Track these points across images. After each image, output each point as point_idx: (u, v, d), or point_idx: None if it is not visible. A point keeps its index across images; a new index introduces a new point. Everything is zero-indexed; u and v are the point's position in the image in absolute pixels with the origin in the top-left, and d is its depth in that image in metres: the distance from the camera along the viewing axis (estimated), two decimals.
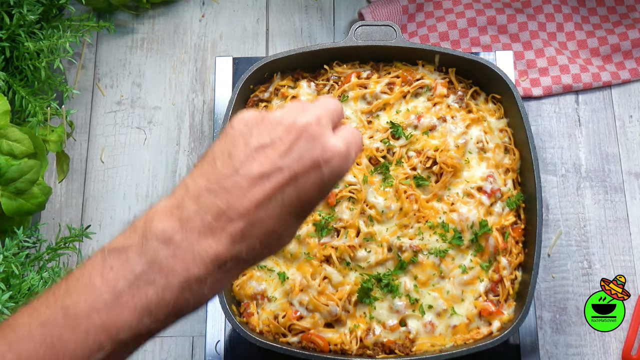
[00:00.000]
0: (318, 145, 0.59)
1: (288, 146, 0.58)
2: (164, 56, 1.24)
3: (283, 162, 0.57)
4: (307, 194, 0.58)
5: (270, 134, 0.59)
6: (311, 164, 0.58)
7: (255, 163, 0.57)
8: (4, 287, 0.83)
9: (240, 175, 0.57)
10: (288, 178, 0.57)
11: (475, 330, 0.95)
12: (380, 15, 1.21)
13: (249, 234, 0.56)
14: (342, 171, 0.60)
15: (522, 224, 1.00)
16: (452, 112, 1.04)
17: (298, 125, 0.59)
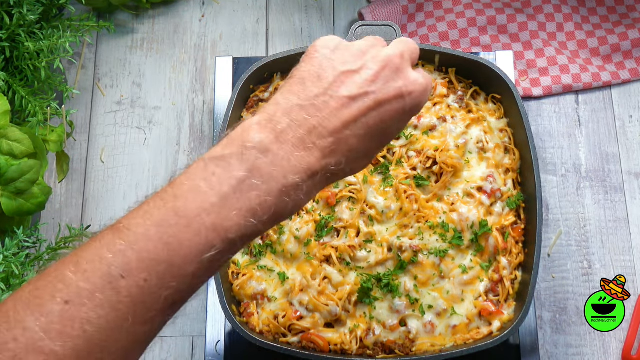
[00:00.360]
0: (401, 77, 0.65)
1: (374, 74, 0.63)
2: (164, 56, 1.24)
3: (370, 87, 0.63)
4: (389, 120, 0.64)
5: (357, 61, 0.64)
6: (395, 92, 0.64)
7: (344, 86, 0.62)
8: (4, 287, 0.83)
9: (329, 95, 0.62)
10: (373, 103, 0.63)
11: (475, 330, 0.95)
12: (380, 15, 1.21)
13: (336, 149, 0.61)
14: (421, 102, 0.66)
15: (522, 224, 1.00)
16: (452, 112, 1.04)
17: (383, 56, 0.65)
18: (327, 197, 0.99)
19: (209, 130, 1.19)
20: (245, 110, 1.06)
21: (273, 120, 0.61)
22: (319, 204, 0.99)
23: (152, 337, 0.57)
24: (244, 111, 1.06)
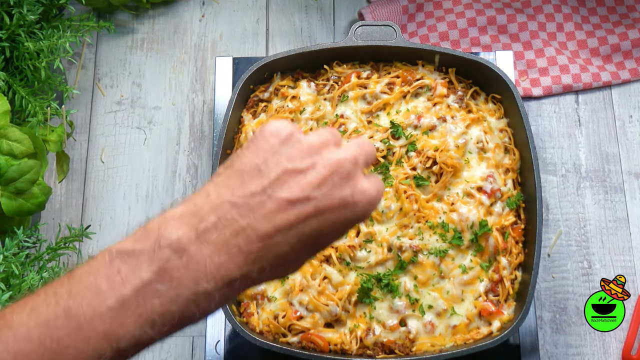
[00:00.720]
0: (350, 184, 0.58)
1: (321, 178, 0.57)
2: (164, 56, 1.24)
3: (313, 192, 0.57)
4: (328, 229, 0.58)
5: (304, 159, 0.58)
6: (339, 201, 0.58)
7: (285, 186, 0.56)
8: (4, 287, 0.83)
9: (267, 195, 0.56)
10: (313, 210, 0.57)
11: (475, 330, 0.95)
12: (380, 15, 1.21)
13: (262, 256, 0.55)
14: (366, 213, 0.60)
15: (522, 224, 1.00)
16: (452, 112, 1.04)
17: (334, 159, 0.58)
18: None
19: (209, 130, 1.19)
20: (245, 110, 1.07)
21: (198, 215, 0.55)
22: None
23: None
24: (244, 111, 1.06)
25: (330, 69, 1.08)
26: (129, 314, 0.52)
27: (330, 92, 1.06)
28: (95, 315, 0.51)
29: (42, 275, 0.88)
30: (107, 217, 1.14)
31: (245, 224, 0.55)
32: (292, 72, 1.08)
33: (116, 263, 0.53)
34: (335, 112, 1.05)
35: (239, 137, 1.05)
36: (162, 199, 1.15)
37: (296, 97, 1.05)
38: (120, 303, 0.52)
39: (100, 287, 0.52)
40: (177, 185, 1.16)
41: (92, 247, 1.12)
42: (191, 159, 1.18)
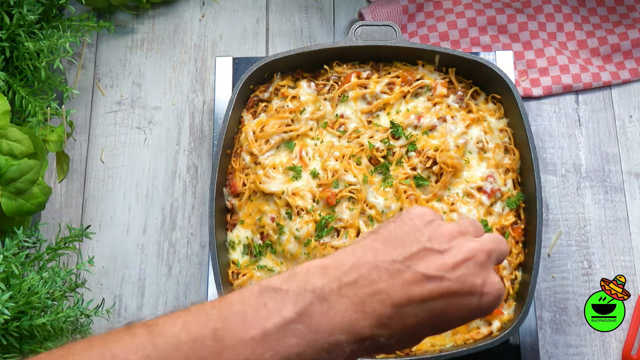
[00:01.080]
0: (482, 275, 0.62)
1: (457, 262, 0.61)
2: (164, 56, 1.24)
3: (447, 274, 0.60)
4: (453, 313, 0.60)
5: (443, 242, 0.62)
6: (470, 288, 0.61)
7: (423, 262, 0.60)
8: (4, 287, 0.83)
9: (406, 265, 0.59)
10: (445, 291, 0.60)
11: (475, 330, 0.95)
12: (380, 15, 1.21)
13: (392, 323, 0.58)
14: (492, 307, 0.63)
15: (522, 224, 1.00)
16: (452, 112, 1.04)
17: (471, 247, 0.62)
18: (327, 197, 0.99)
19: (209, 130, 1.19)
20: (245, 110, 1.07)
21: (341, 269, 0.59)
22: (319, 204, 0.99)
23: None
24: (244, 111, 1.06)
25: (330, 69, 1.08)
26: (267, 348, 0.55)
27: (330, 92, 1.06)
28: (239, 342, 0.55)
29: (42, 275, 0.88)
30: (107, 217, 1.14)
31: (382, 287, 0.58)
32: (292, 72, 1.08)
33: (264, 297, 0.57)
34: (335, 112, 1.05)
35: (239, 137, 1.05)
36: (162, 199, 1.15)
37: (296, 97, 1.05)
38: (262, 335, 0.55)
39: (247, 316, 0.56)
40: (177, 185, 1.16)
41: (92, 247, 1.12)
42: (191, 159, 1.18)
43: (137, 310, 1.09)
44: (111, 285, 1.11)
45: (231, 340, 0.55)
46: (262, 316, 0.56)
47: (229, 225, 1.02)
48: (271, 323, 0.55)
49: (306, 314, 0.56)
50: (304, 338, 0.55)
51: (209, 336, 0.55)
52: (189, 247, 1.13)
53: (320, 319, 0.56)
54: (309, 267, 0.59)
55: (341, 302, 0.57)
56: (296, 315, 0.56)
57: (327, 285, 0.57)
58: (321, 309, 0.56)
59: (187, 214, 1.15)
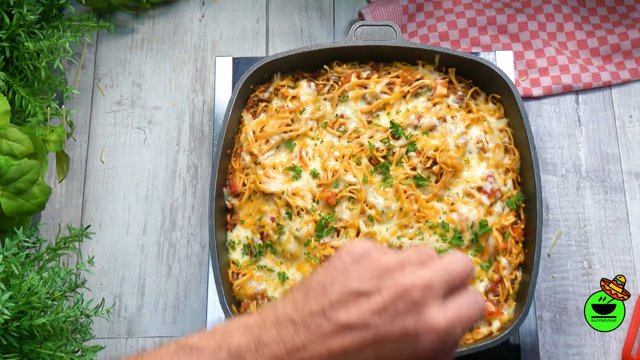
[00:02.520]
0: (414, 314, 0.55)
1: (383, 304, 0.55)
2: (164, 56, 1.24)
3: (372, 319, 0.54)
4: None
5: (372, 281, 0.56)
6: (400, 332, 0.55)
7: (344, 310, 0.55)
8: (4, 287, 0.82)
9: (326, 317, 0.55)
10: (371, 339, 0.55)
11: (475, 330, 0.95)
12: (380, 15, 1.21)
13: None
14: (436, 349, 0.56)
15: (522, 224, 1.00)
16: (452, 112, 1.04)
17: (402, 284, 0.55)
18: (327, 197, 0.99)
19: (209, 130, 1.19)
20: (245, 110, 1.07)
21: (261, 327, 0.56)
22: (319, 204, 0.99)
23: None
24: (244, 111, 1.06)
25: (330, 69, 1.08)
26: None
27: (330, 92, 1.06)
28: None
29: (42, 275, 0.88)
30: (107, 217, 1.14)
31: (300, 344, 0.55)
32: (292, 72, 1.08)
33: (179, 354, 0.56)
34: (335, 112, 1.05)
35: (239, 137, 1.05)
36: (162, 199, 1.15)
37: (296, 97, 1.05)
38: None
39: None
40: (177, 185, 1.16)
41: (92, 247, 1.12)
42: (191, 159, 1.18)
43: (137, 310, 1.09)
44: (111, 285, 1.11)
45: None
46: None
47: (229, 225, 1.02)
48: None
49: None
50: None
51: None
52: (189, 247, 1.13)
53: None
54: (230, 325, 0.57)
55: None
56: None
57: (245, 344, 0.55)
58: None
59: (187, 214, 1.15)
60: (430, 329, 0.55)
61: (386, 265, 0.57)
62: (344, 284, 0.56)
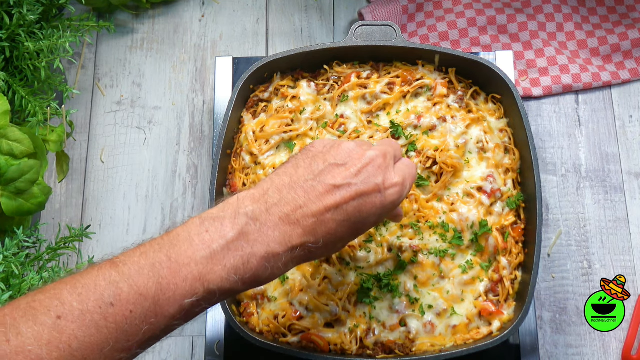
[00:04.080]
0: (381, 174, 0.73)
1: (358, 169, 0.73)
2: (164, 56, 1.24)
3: (352, 180, 0.72)
4: (366, 211, 0.72)
5: (345, 157, 0.74)
6: (373, 187, 0.72)
7: (331, 175, 0.72)
8: (4, 287, 0.83)
9: (318, 181, 0.71)
10: (354, 193, 0.71)
11: (475, 330, 0.95)
12: (380, 15, 1.21)
13: (317, 230, 0.69)
14: (397, 199, 0.75)
15: (522, 224, 1.00)
16: (452, 112, 1.04)
17: (368, 155, 0.74)
18: None
19: (208, 130, 1.19)
20: (245, 110, 1.07)
21: (266, 195, 0.70)
22: None
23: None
24: (244, 111, 1.06)
25: (330, 69, 1.08)
26: (217, 262, 0.65)
27: (330, 92, 1.06)
28: (192, 261, 0.64)
29: (42, 275, 0.88)
30: (107, 217, 1.14)
31: (302, 203, 0.70)
32: (292, 72, 1.08)
33: (205, 225, 0.66)
34: (335, 112, 1.05)
35: (239, 137, 1.05)
36: (162, 199, 1.15)
37: (296, 97, 1.05)
38: (210, 253, 0.65)
39: (194, 241, 0.65)
40: (177, 185, 1.16)
41: (92, 247, 1.12)
42: (191, 159, 1.18)
43: None
44: None
45: (184, 260, 0.64)
46: (207, 240, 0.65)
47: None
48: (216, 244, 0.65)
49: (244, 232, 0.66)
50: (246, 251, 0.66)
51: (164, 260, 0.63)
52: None
53: (256, 235, 0.67)
54: (239, 197, 0.69)
55: (270, 219, 0.68)
56: (236, 235, 0.66)
57: (257, 208, 0.68)
58: (255, 227, 0.67)
59: (187, 214, 1.15)
60: (393, 183, 0.74)
61: (349, 147, 0.75)
62: (324, 160, 0.73)
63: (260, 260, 0.66)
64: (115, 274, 0.62)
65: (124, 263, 0.63)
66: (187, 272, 0.63)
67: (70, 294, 0.60)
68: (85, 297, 0.60)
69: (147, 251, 0.64)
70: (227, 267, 0.65)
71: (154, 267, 0.63)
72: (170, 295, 0.62)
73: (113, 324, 0.60)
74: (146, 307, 0.61)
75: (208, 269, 0.64)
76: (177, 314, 0.63)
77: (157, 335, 0.63)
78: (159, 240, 0.66)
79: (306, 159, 0.74)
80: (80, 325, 0.59)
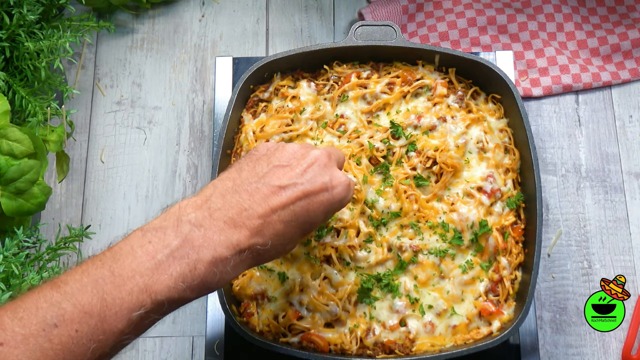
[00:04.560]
0: (327, 173, 0.74)
1: (304, 169, 0.73)
2: (164, 56, 1.24)
3: (298, 179, 0.72)
4: (314, 210, 0.72)
5: (289, 158, 0.74)
6: (320, 185, 0.73)
7: (276, 177, 0.71)
8: (4, 287, 0.83)
9: (262, 183, 0.71)
10: (300, 193, 0.71)
11: (475, 330, 0.95)
12: (380, 15, 1.21)
13: (264, 231, 0.69)
14: (345, 198, 0.76)
15: (522, 224, 1.00)
16: (452, 112, 1.04)
17: (312, 155, 0.75)
18: None
19: (208, 130, 1.19)
20: (245, 110, 1.07)
21: (209, 200, 0.69)
22: None
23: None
24: (244, 111, 1.06)
25: (330, 69, 1.08)
26: (162, 272, 0.63)
27: (330, 92, 1.06)
28: (136, 273, 0.62)
29: (42, 275, 0.88)
30: (107, 217, 1.14)
31: (247, 205, 0.69)
32: (292, 72, 1.08)
33: (147, 236, 0.65)
34: (335, 112, 1.05)
35: (239, 137, 1.05)
36: (162, 199, 1.15)
37: (296, 97, 1.05)
38: (155, 264, 0.63)
39: (137, 253, 0.63)
40: (177, 185, 1.16)
41: (92, 247, 1.12)
42: (191, 159, 1.18)
43: None
44: None
45: (128, 273, 0.62)
46: (150, 251, 0.64)
47: None
48: (161, 254, 0.64)
49: (188, 239, 0.65)
50: (192, 257, 0.64)
51: (107, 275, 0.62)
52: None
53: (201, 240, 0.65)
54: (180, 205, 0.68)
55: (215, 224, 0.67)
56: (180, 242, 0.65)
57: (200, 214, 0.67)
58: (200, 232, 0.66)
59: None
60: (340, 182, 0.75)
61: (293, 148, 0.76)
62: (268, 162, 0.73)
63: (207, 266, 0.65)
64: (57, 294, 0.60)
65: (65, 282, 0.61)
66: (132, 285, 0.62)
67: (11, 319, 0.58)
68: (27, 320, 0.58)
69: (89, 268, 0.62)
70: (174, 275, 0.63)
71: (97, 283, 0.61)
72: (117, 310, 0.60)
73: (59, 345, 0.58)
74: (92, 324, 0.59)
75: (154, 280, 0.62)
76: (126, 329, 0.61)
77: (108, 352, 0.61)
78: (101, 257, 0.64)
79: (249, 163, 0.73)
80: (24, 350, 0.57)
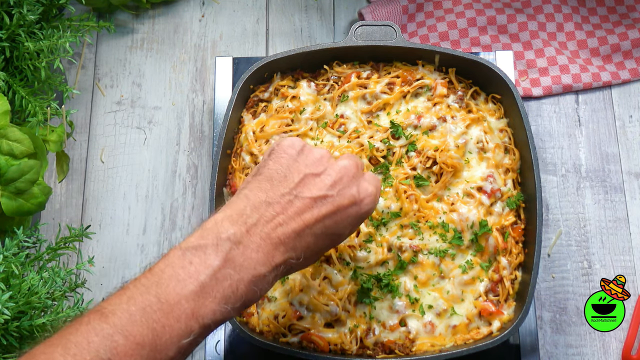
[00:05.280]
0: (355, 185, 0.73)
1: (334, 180, 0.72)
2: (164, 56, 1.24)
3: (330, 191, 0.71)
4: (343, 223, 0.72)
5: (319, 166, 0.73)
6: (349, 199, 0.72)
7: (307, 188, 0.71)
8: (4, 287, 0.82)
9: (294, 195, 0.70)
10: (332, 207, 0.71)
11: (475, 330, 0.95)
12: (380, 15, 1.21)
13: (297, 246, 0.69)
14: (371, 209, 0.75)
15: (522, 224, 1.00)
16: (452, 112, 1.04)
17: (342, 165, 0.74)
18: None
19: (208, 130, 1.19)
20: (245, 110, 1.07)
21: (244, 214, 0.68)
22: None
23: None
24: (244, 111, 1.06)
25: (330, 69, 1.08)
26: (207, 295, 0.62)
27: (330, 92, 1.06)
28: (181, 298, 0.61)
29: (42, 275, 0.88)
30: (107, 217, 1.14)
31: (281, 220, 0.68)
32: (292, 72, 1.08)
33: (188, 256, 0.64)
34: (335, 112, 1.05)
35: (239, 137, 1.05)
36: (162, 199, 1.15)
37: (296, 97, 1.05)
38: (199, 287, 0.62)
39: (180, 275, 0.63)
40: (177, 185, 1.16)
41: (92, 247, 1.12)
42: (191, 159, 1.18)
43: None
44: (111, 285, 1.11)
45: (174, 298, 0.61)
46: (192, 272, 0.63)
47: None
48: (203, 275, 0.63)
49: (229, 259, 0.64)
50: (234, 278, 0.64)
51: (154, 301, 0.60)
52: None
53: (241, 259, 0.65)
54: (216, 220, 0.67)
55: (253, 240, 0.66)
56: (221, 262, 0.64)
57: (238, 230, 0.66)
58: (239, 250, 0.65)
59: (187, 214, 1.15)
60: (367, 193, 0.74)
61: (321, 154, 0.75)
62: (298, 170, 0.72)
63: (248, 285, 0.65)
64: (107, 326, 0.59)
65: (113, 313, 0.60)
66: (180, 312, 0.61)
67: (63, 356, 0.57)
68: (80, 357, 0.57)
69: (134, 295, 0.61)
70: (218, 297, 0.63)
71: (145, 311, 0.60)
72: (167, 339, 0.60)
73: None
74: (144, 355, 0.59)
75: (199, 304, 0.62)
76: (176, 356, 0.61)
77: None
78: (144, 281, 0.63)
79: (279, 169, 0.72)
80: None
